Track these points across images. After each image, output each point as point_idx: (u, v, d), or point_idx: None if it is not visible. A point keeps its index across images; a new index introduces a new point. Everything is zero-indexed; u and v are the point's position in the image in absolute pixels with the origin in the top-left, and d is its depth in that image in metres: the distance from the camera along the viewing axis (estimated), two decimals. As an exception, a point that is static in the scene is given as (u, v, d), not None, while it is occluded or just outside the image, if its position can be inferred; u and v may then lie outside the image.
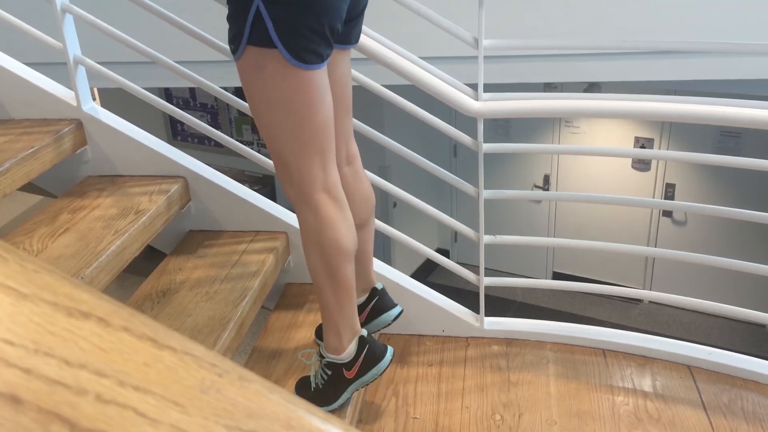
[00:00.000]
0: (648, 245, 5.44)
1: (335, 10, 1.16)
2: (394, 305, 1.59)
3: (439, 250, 5.77)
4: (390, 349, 1.43)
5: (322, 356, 1.43)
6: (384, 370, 1.41)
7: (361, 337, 1.40)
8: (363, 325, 1.51)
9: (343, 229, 1.30)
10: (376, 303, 1.57)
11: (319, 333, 1.69)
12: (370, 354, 1.40)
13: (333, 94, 1.28)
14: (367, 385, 1.43)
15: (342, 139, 1.41)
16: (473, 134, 1.64)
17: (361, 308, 1.54)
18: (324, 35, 1.16)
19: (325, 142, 1.25)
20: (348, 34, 1.31)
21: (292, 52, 1.14)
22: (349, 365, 1.40)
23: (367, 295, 1.57)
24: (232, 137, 1.84)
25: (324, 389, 1.43)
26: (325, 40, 1.17)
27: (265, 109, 1.21)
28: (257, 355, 1.65)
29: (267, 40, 1.13)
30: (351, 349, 1.40)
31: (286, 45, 1.13)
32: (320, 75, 1.19)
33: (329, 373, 1.42)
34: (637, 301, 5.55)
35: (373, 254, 1.60)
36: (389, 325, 1.58)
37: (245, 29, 1.14)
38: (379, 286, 1.58)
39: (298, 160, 1.24)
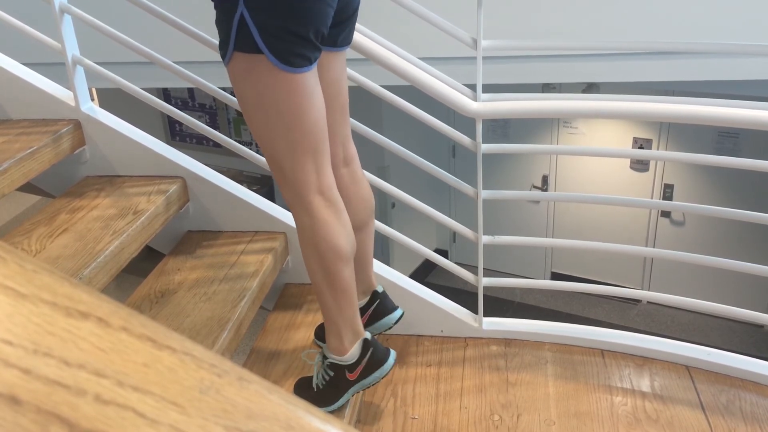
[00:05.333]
0: (646, 246, 5.45)
1: (320, 17, 1.16)
2: (396, 308, 1.59)
3: (438, 251, 5.76)
4: (393, 353, 1.44)
5: (324, 357, 1.44)
6: (386, 374, 1.42)
7: (365, 340, 1.41)
8: (365, 328, 1.51)
9: (339, 231, 1.30)
10: (378, 306, 1.57)
11: (318, 334, 1.69)
12: (373, 357, 1.41)
13: (327, 95, 1.28)
14: (367, 387, 1.44)
15: (339, 140, 1.41)
16: (472, 135, 1.64)
17: (362, 311, 1.54)
18: (309, 40, 1.16)
19: (318, 144, 1.25)
20: (337, 37, 1.30)
21: (279, 57, 1.14)
22: (351, 367, 1.41)
23: (368, 298, 1.57)
24: (230, 137, 1.84)
25: (325, 390, 1.44)
26: (311, 44, 1.17)
27: (256, 112, 1.22)
28: (256, 356, 1.65)
29: (253, 45, 1.14)
30: (354, 351, 1.40)
31: (272, 50, 1.14)
32: (309, 77, 1.19)
33: (331, 374, 1.42)
34: (636, 301, 5.55)
35: (373, 256, 1.60)
36: (390, 328, 1.59)
37: (231, 35, 1.15)
38: (380, 289, 1.58)
39: (291, 162, 1.25)
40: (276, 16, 1.13)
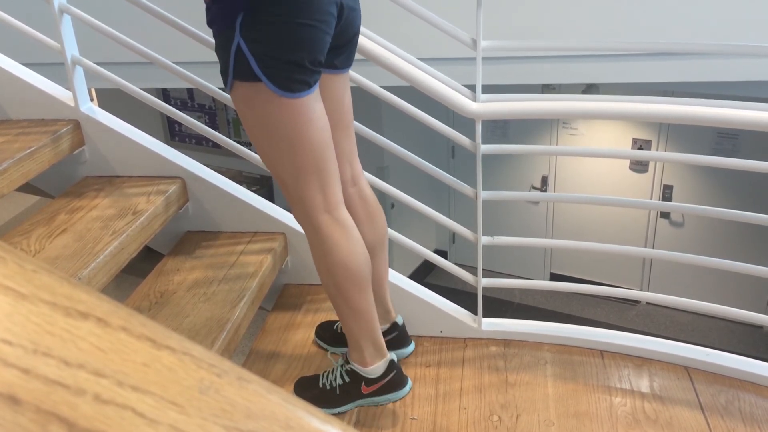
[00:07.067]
0: (645, 246, 5.45)
1: (316, 45, 1.16)
2: (410, 342, 1.65)
3: (437, 251, 5.76)
4: (410, 383, 1.49)
5: (347, 361, 1.44)
6: (398, 399, 1.46)
7: (392, 362, 1.43)
8: None
9: (348, 250, 1.30)
10: (395, 338, 1.61)
11: (318, 333, 1.69)
12: (393, 380, 1.44)
13: (329, 115, 1.28)
14: (374, 405, 1.46)
15: (345, 159, 1.41)
16: (471, 135, 1.64)
17: None
18: (305, 67, 1.16)
19: (322, 164, 1.25)
20: (337, 60, 1.30)
21: (278, 84, 1.14)
22: (370, 381, 1.42)
23: (388, 325, 1.60)
24: (229, 138, 1.84)
25: (333, 392, 1.44)
26: (308, 70, 1.17)
27: (260, 137, 1.23)
28: (255, 356, 1.65)
29: (251, 74, 1.14)
30: (379, 368, 1.43)
31: (270, 77, 1.14)
32: (310, 100, 1.19)
33: (347, 380, 1.43)
34: (635, 302, 5.55)
35: (387, 280, 1.61)
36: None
37: (230, 65, 1.16)
38: (399, 320, 1.62)
39: (297, 183, 1.25)
40: (272, 46, 1.13)
